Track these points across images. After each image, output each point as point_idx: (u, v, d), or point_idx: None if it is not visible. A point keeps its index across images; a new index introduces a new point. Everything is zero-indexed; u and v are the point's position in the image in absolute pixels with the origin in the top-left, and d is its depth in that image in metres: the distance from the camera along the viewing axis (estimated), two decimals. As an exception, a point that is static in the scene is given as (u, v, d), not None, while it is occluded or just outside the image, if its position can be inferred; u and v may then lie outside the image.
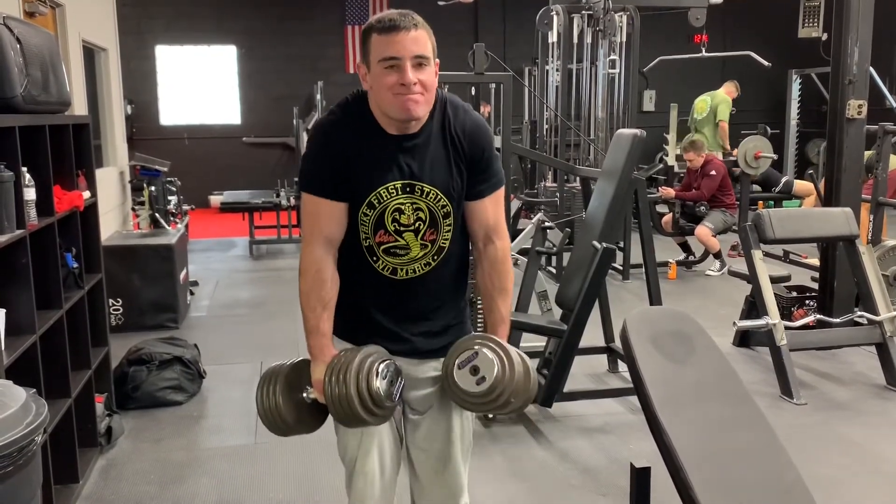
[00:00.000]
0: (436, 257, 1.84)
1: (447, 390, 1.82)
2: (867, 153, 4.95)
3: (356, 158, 1.76)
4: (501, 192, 1.89)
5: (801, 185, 8.60)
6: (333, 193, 1.77)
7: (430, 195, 1.78)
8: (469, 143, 1.80)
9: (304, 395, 1.83)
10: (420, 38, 1.68)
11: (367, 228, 1.79)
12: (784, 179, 8.58)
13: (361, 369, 1.71)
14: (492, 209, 1.86)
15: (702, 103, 8.97)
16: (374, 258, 1.82)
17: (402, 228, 1.79)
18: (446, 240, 1.84)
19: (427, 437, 1.94)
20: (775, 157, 7.67)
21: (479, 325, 3.45)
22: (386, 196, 1.76)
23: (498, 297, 1.89)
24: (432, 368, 1.90)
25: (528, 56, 10.76)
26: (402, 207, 1.78)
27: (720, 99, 8.81)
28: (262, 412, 1.83)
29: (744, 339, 4.82)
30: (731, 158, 7.75)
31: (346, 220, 1.79)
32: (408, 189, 1.77)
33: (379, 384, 1.72)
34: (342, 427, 1.87)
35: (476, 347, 1.76)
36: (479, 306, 1.95)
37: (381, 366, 1.74)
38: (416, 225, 1.79)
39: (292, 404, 1.82)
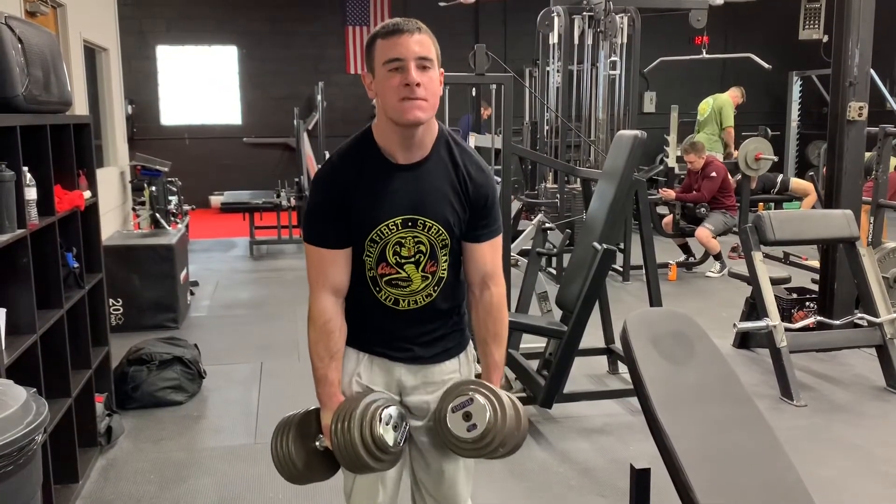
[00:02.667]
0: (436, 288, 1.85)
1: (439, 433, 1.83)
2: (867, 154, 4.95)
3: (357, 199, 1.76)
4: (500, 239, 1.90)
5: (797, 184, 8.60)
6: (336, 242, 1.78)
7: (433, 230, 1.79)
8: (474, 187, 1.81)
9: (317, 443, 1.85)
10: (424, 42, 1.69)
11: (371, 261, 1.81)
12: (780, 178, 8.59)
13: (365, 416, 1.73)
14: (489, 255, 1.87)
15: (704, 105, 8.98)
16: (378, 289, 1.83)
17: (402, 260, 1.80)
18: (444, 269, 1.85)
19: (427, 443, 1.94)
20: (775, 158, 7.67)
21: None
22: (387, 232, 1.78)
23: (492, 343, 1.90)
24: (431, 373, 1.90)
25: (528, 57, 10.76)
26: (403, 240, 1.79)
27: (722, 102, 8.81)
28: (277, 461, 1.86)
29: (744, 340, 4.82)
30: (732, 161, 7.75)
31: (350, 264, 1.81)
32: (409, 224, 1.78)
33: (383, 430, 1.73)
34: None
35: (470, 394, 1.78)
36: (478, 352, 1.96)
37: (385, 412, 1.75)
38: (417, 257, 1.81)
39: (304, 452, 1.84)
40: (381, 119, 1.76)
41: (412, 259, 1.80)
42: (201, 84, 12.02)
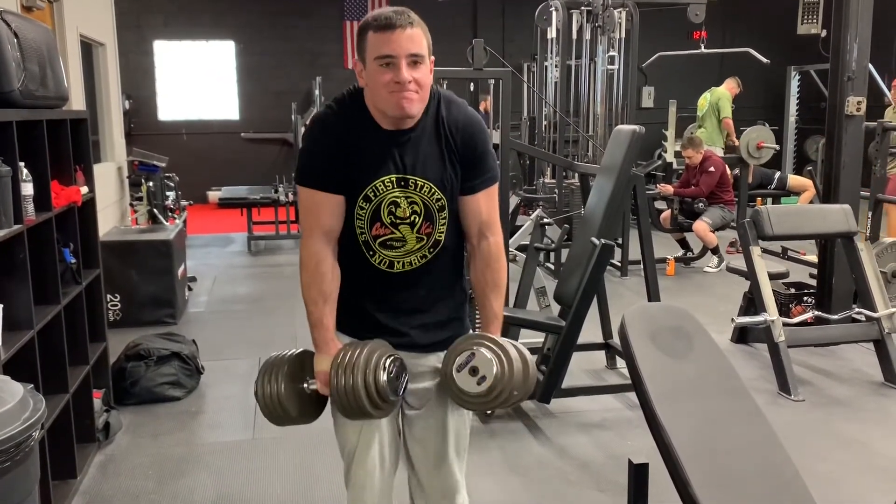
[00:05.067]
0: (432, 250, 1.85)
1: (448, 393, 1.83)
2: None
3: (352, 152, 1.77)
4: (495, 188, 1.90)
5: (795, 180, 8.60)
6: (330, 186, 1.78)
7: (424, 189, 1.79)
8: (462, 138, 1.82)
9: (306, 385, 1.85)
10: (415, 37, 1.69)
11: (363, 223, 1.80)
12: (777, 175, 8.59)
13: (369, 363, 1.73)
14: (485, 204, 1.87)
15: (702, 100, 8.97)
16: (371, 252, 1.83)
17: (397, 221, 1.80)
18: (441, 233, 1.85)
19: (423, 433, 1.95)
20: (777, 147, 7.67)
21: (477, 324, 3.44)
22: (382, 189, 1.78)
23: (491, 293, 1.90)
24: (430, 362, 1.91)
25: (527, 52, 10.74)
26: (398, 201, 1.79)
27: (719, 95, 8.80)
28: (263, 400, 1.83)
29: (742, 335, 4.82)
30: (735, 155, 7.73)
31: (343, 212, 1.80)
32: (402, 183, 1.78)
33: (386, 378, 1.74)
34: (342, 420, 1.88)
35: (473, 348, 1.77)
36: (476, 304, 1.96)
37: (388, 360, 1.76)
38: (412, 218, 1.81)
39: (293, 394, 1.83)
40: (372, 102, 1.77)
41: (407, 220, 1.80)
42: (199, 79, 11.99)
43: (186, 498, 3.02)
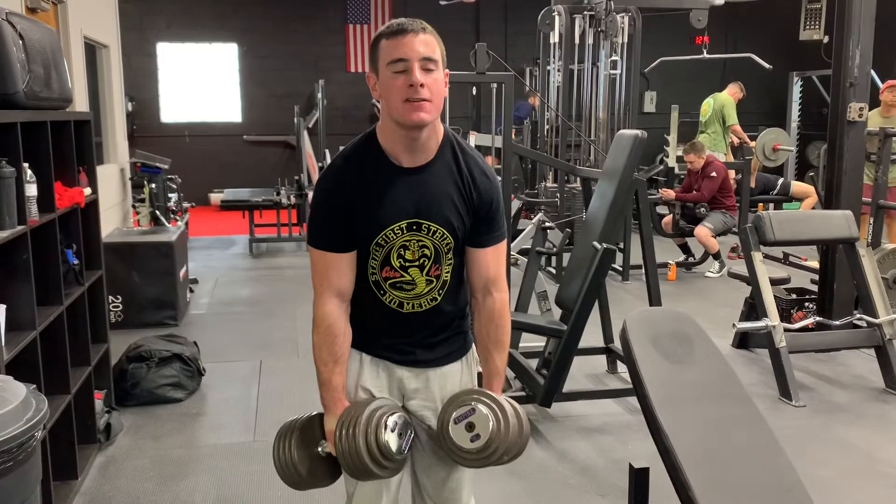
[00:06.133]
0: (441, 291, 1.84)
1: (442, 444, 1.82)
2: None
3: (361, 203, 1.75)
4: (504, 245, 1.89)
5: (798, 187, 8.60)
6: (340, 246, 1.77)
7: (437, 234, 1.78)
8: (479, 192, 1.80)
9: (319, 448, 1.84)
10: (429, 42, 1.68)
11: (375, 264, 1.80)
12: (780, 181, 8.60)
13: (370, 423, 1.72)
14: (493, 260, 1.86)
15: (705, 105, 8.98)
16: (382, 292, 1.82)
17: (406, 264, 1.79)
18: (448, 272, 1.84)
19: (430, 447, 1.94)
20: (792, 149, 7.66)
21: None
22: (392, 237, 1.77)
23: (494, 350, 1.89)
24: (434, 377, 1.90)
25: (529, 56, 10.76)
26: (408, 244, 1.78)
27: (723, 101, 8.80)
28: (278, 466, 1.85)
29: (743, 340, 4.82)
30: (740, 161, 7.72)
31: (355, 267, 1.80)
32: (413, 227, 1.77)
33: (387, 437, 1.73)
34: None
35: (472, 404, 1.77)
36: (479, 358, 1.97)
37: (390, 419, 1.75)
38: (421, 261, 1.80)
39: (307, 458, 1.83)
40: (386, 121, 1.75)
41: (416, 263, 1.79)
42: (202, 81, 12.01)
43: (187, 500, 3.02)
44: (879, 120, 6.13)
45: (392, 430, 1.74)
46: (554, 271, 6.62)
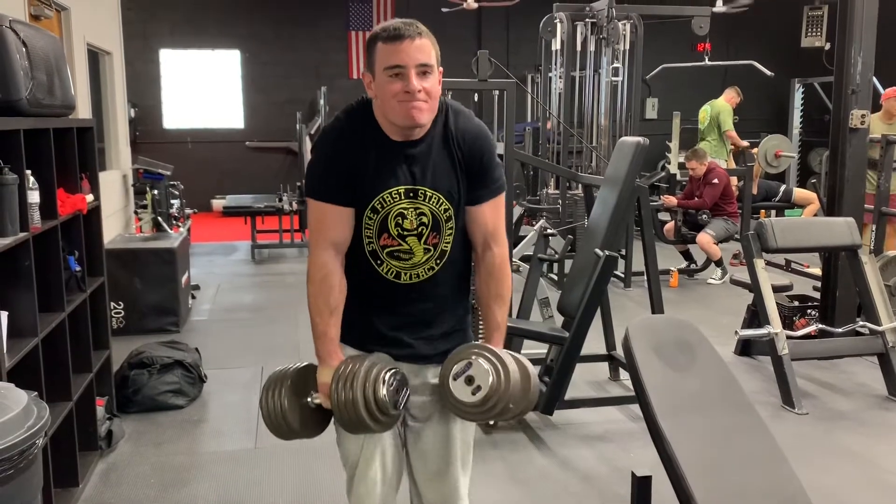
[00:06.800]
0: (438, 261, 1.85)
1: (444, 401, 1.83)
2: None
3: (360, 164, 1.77)
4: (501, 198, 1.90)
5: (801, 194, 8.60)
6: (339, 198, 1.79)
7: (433, 199, 1.80)
8: (469, 148, 1.82)
9: (309, 399, 1.84)
10: (424, 47, 1.71)
11: (371, 232, 1.81)
12: (783, 188, 8.60)
13: (368, 377, 1.73)
14: (490, 215, 1.87)
15: (703, 113, 8.98)
16: (378, 262, 1.83)
17: (404, 232, 1.80)
18: (448, 243, 1.85)
19: (426, 446, 1.94)
20: (794, 155, 7.65)
21: (480, 333, 3.44)
22: (389, 200, 1.78)
23: (494, 303, 1.90)
24: (433, 374, 1.90)
25: (531, 63, 10.77)
26: (405, 212, 1.79)
27: (719, 108, 8.81)
28: (266, 414, 1.83)
29: (745, 348, 4.81)
30: (750, 164, 7.70)
31: (353, 225, 1.81)
32: (411, 194, 1.79)
33: (385, 392, 1.73)
34: (344, 434, 1.88)
35: (471, 357, 1.78)
36: (480, 314, 1.96)
37: (388, 374, 1.76)
38: (419, 229, 1.81)
39: (297, 408, 1.83)
40: (381, 113, 1.78)
41: (414, 231, 1.81)
42: (204, 88, 12.04)
43: (188, 507, 3.02)
44: (880, 125, 6.14)
45: (389, 386, 1.75)
46: (556, 278, 6.62)
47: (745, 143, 8.55)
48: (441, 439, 1.94)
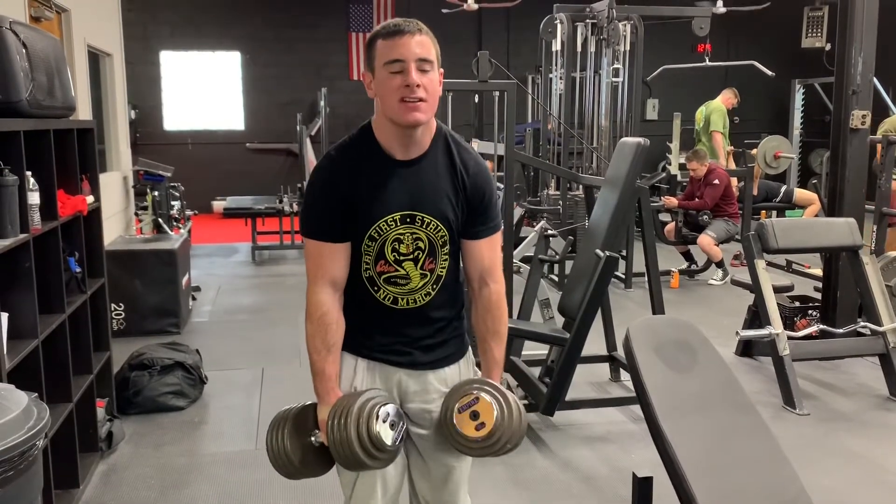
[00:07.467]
0: (434, 286, 1.85)
1: (446, 436, 1.83)
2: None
3: (354, 195, 1.76)
4: (498, 236, 1.91)
5: (801, 194, 8.59)
6: (334, 236, 1.78)
7: (430, 225, 1.79)
8: (472, 184, 1.82)
9: (312, 438, 1.83)
10: (424, 43, 1.70)
11: (369, 259, 1.80)
12: (784, 189, 8.59)
13: (362, 413, 1.72)
14: (487, 252, 1.88)
15: (699, 114, 8.98)
16: (376, 288, 1.83)
17: (401, 258, 1.80)
18: (444, 268, 1.85)
19: (427, 451, 1.93)
20: (793, 156, 7.65)
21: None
22: (385, 228, 1.77)
23: (492, 340, 1.90)
24: (432, 380, 1.90)
25: (531, 64, 10.77)
26: (402, 237, 1.79)
27: (713, 108, 8.80)
28: (271, 455, 1.84)
29: (746, 348, 4.81)
30: (750, 165, 7.70)
31: (350, 258, 1.80)
32: (407, 220, 1.78)
33: (379, 428, 1.72)
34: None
35: (475, 392, 1.78)
36: (478, 349, 1.97)
37: (382, 410, 1.75)
38: (416, 254, 1.80)
39: (299, 447, 1.83)
40: (381, 117, 1.77)
41: (410, 256, 1.80)
42: (205, 89, 12.05)
43: (189, 508, 3.02)
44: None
45: (384, 421, 1.74)
46: (556, 279, 6.62)
47: (728, 147, 8.52)
48: (442, 444, 1.93)
